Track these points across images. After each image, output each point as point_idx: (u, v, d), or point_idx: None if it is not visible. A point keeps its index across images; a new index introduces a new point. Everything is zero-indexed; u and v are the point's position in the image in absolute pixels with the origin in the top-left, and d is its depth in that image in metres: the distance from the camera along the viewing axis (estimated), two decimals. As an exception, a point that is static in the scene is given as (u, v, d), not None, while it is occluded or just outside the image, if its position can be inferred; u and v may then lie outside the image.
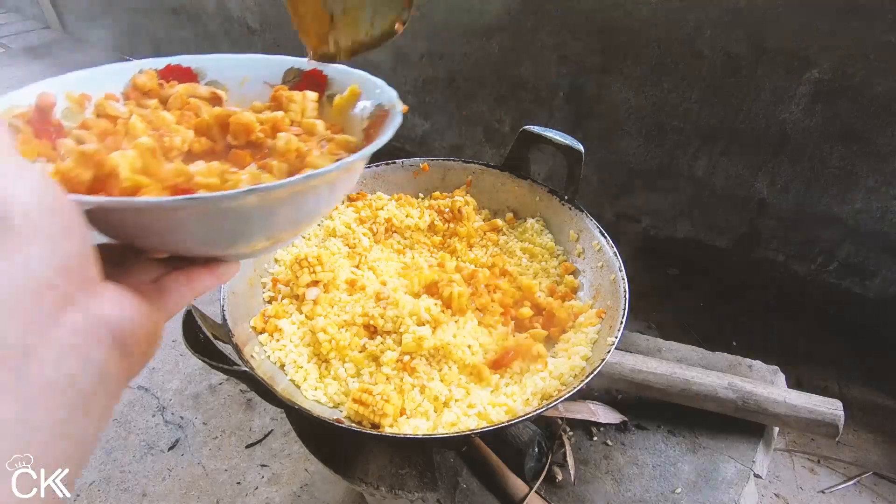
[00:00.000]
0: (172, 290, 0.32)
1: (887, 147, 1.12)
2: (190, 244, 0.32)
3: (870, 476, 1.18)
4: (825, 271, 1.33)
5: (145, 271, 0.33)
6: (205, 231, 0.31)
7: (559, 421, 0.79)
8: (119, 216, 0.29)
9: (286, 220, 0.34)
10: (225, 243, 0.33)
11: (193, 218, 0.30)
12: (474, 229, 0.90)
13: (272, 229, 0.34)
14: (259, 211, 0.31)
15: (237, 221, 0.31)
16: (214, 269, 0.35)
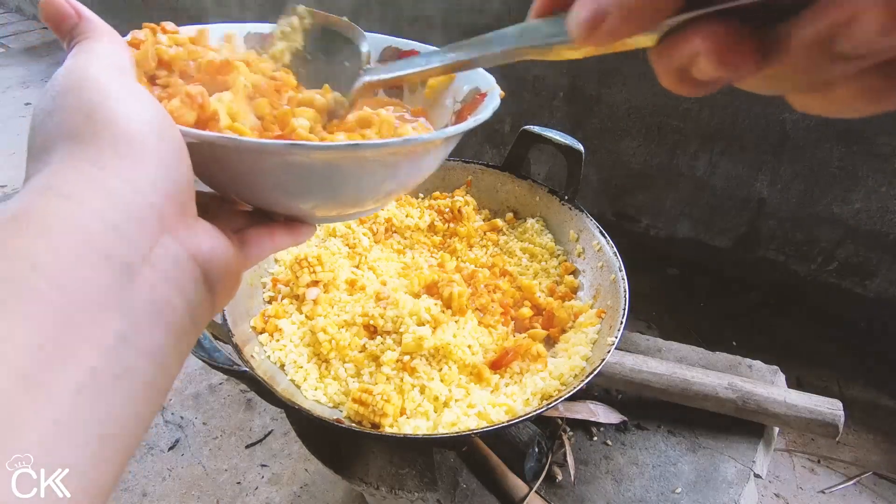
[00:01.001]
0: (254, 242, 0.32)
1: (887, 147, 1.12)
2: (278, 196, 0.32)
3: (870, 476, 1.18)
4: (825, 271, 1.33)
5: (229, 220, 0.33)
6: (298, 184, 0.31)
7: (559, 421, 0.79)
8: (219, 155, 0.29)
9: (376, 186, 0.34)
10: (313, 200, 0.33)
11: (291, 167, 0.29)
12: (474, 229, 0.90)
13: (361, 193, 0.34)
14: (356, 171, 0.31)
15: (333, 179, 0.31)
16: (294, 229, 0.35)
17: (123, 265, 0.21)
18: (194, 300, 0.25)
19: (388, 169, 0.32)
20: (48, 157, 0.22)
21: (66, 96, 0.23)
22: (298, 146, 0.28)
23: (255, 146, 0.27)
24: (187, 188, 0.25)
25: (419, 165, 0.34)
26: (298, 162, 0.29)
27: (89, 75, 0.24)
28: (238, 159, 0.29)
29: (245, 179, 0.31)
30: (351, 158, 0.29)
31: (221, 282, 0.27)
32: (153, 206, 0.22)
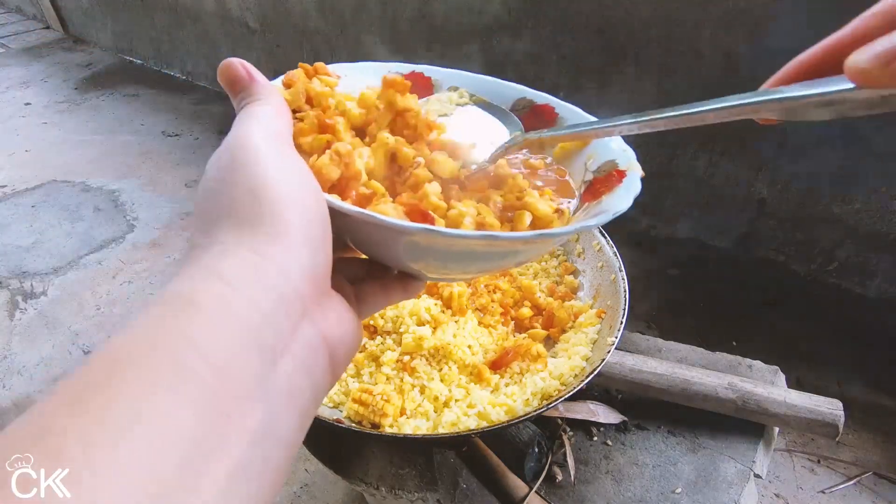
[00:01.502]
0: (370, 299, 0.33)
1: (887, 147, 1.12)
2: (401, 261, 0.33)
3: (870, 476, 1.18)
4: (825, 271, 1.33)
5: (348, 268, 0.34)
6: (420, 255, 0.32)
7: (559, 421, 0.79)
8: (356, 225, 0.30)
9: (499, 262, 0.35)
10: (431, 268, 0.34)
11: (414, 243, 0.30)
12: (474, 229, 0.89)
13: (483, 267, 0.35)
14: (483, 253, 0.32)
15: (450, 255, 0.32)
16: (408, 284, 0.35)
17: (270, 354, 0.21)
18: (320, 383, 0.25)
19: (514, 253, 0.33)
20: (214, 234, 0.23)
21: (233, 172, 0.24)
22: (434, 232, 0.28)
23: (395, 227, 0.28)
24: (327, 267, 0.26)
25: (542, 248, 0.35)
26: (422, 240, 0.29)
27: (252, 146, 0.25)
28: (374, 232, 0.30)
29: (375, 246, 0.32)
30: (482, 245, 0.30)
31: (345, 362, 0.28)
32: (298, 291, 0.23)
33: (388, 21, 1.78)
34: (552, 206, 0.37)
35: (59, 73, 3.13)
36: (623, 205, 0.33)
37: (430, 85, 0.46)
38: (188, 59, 2.86)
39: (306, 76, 0.38)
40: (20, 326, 1.58)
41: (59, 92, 2.92)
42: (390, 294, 0.34)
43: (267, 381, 0.21)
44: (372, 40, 1.88)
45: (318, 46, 2.12)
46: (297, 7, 2.07)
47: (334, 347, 0.26)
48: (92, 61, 3.26)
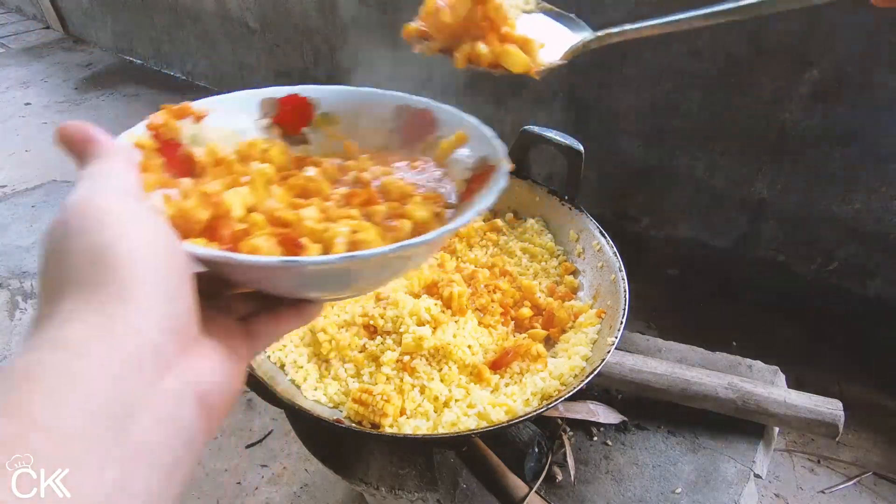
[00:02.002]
0: (261, 334, 0.33)
1: (887, 147, 1.12)
2: (286, 291, 0.34)
3: (870, 476, 1.18)
4: (825, 271, 1.33)
5: (237, 307, 0.34)
6: (301, 283, 0.33)
7: (559, 421, 0.79)
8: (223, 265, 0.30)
9: (378, 276, 0.36)
10: (318, 292, 0.35)
11: (297, 274, 0.31)
12: (474, 229, 0.89)
13: (365, 282, 0.37)
14: (353, 272, 0.33)
15: (331, 278, 0.33)
16: (301, 310, 0.35)
17: (121, 415, 0.21)
18: (191, 433, 0.25)
19: (386, 266, 0.34)
20: (59, 303, 0.23)
21: (75, 239, 0.24)
22: (291, 262, 0.29)
23: (251, 264, 0.29)
24: (190, 315, 0.26)
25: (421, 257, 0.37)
26: (298, 272, 0.30)
27: (95, 208, 0.25)
28: (241, 271, 0.31)
29: (254, 282, 0.33)
30: (345, 268, 0.31)
31: (222, 406, 0.27)
32: (154, 346, 0.23)
33: (388, 22, 1.78)
34: (431, 211, 0.38)
35: (59, 73, 3.13)
36: (486, 202, 0.35)
37: (308, 106, 0.47)
38: (188, 59, 2.86)
39: (173, 117, 0.39)
40: (20, 326, 1.58)
41: (59, 92, 2.92)
42: (282, 323, 0.34)
43: (118, 441, 0.21)
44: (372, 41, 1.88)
45: (318, 46, 2.12)
46: (297, 7, 2.07)
47: (206, 394, 0.26)
48: (92, 61, 3.25)
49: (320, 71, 2.18)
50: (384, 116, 0.47)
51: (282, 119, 0.46)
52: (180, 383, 0.24)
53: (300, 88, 0.46)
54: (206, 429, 0.26)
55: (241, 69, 2.56)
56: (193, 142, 0.40)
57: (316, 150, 0.46)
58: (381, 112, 0.47)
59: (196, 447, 0.25)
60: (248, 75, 2.55)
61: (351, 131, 0.47)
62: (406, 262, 0.36)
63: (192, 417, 0.25)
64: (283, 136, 0.46)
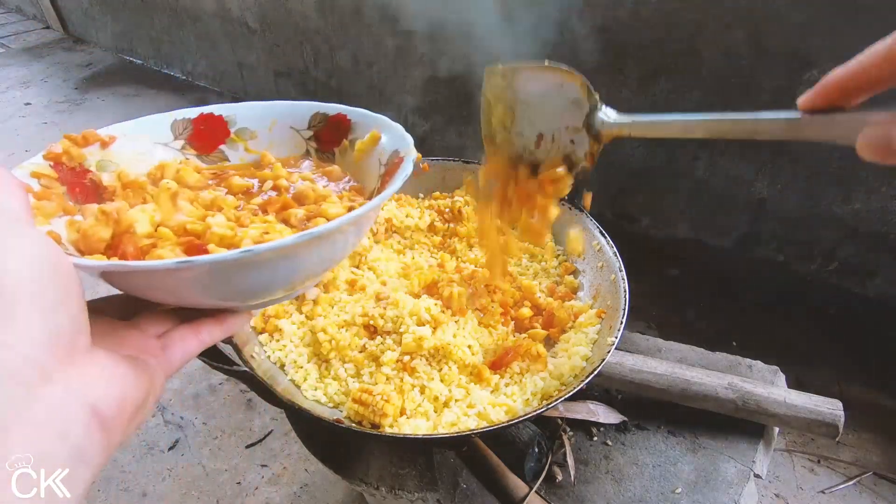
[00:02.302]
0: (177, 346, 0.32)
1: (887, 147, 1.12)
2: (198, 299, 0.33)
3: (870, 476, 1.18)
4: (825, 271, 1.33)
5: (154, 323, 0.33)
6: (210, 287, 0.32)
7: (559, 421, 0.79)
8: (125, 276, 0.30)
9: (292, 273, 0.34)
10: (234, 297, 0.34)
11: (197, 277, 0.30)
12: (474, 229, 0.89)
13: (280, 283, 0.35)
14: (261, 270, 0.32)
15: (241, 280, 0.32)
16: (223, 319, 0.35)
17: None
18: (81, 443, 0.24)
19: (295, 262, 0.33)
20: None
21: None
22: (186, 263, 0.28)
23: (145, 269, 0.28)
24: (74, 327, 0.25)
25: (330, 251, 0.35)
26: (200, 273, 0.29)
27: None
28: (143, 280, 0.30)
29: (158, 290, 0.32)
30: (246, 264, 0.30)
31: (119, 417, 0.27)
32: (28, 360, 0.23)
33: (388, 23, 1.78)
34: (346, 207, 0.39)
35: (59, 73, 3.13)
36: (391, 190, 0.37)
37: (223, 124, 0.48)
38: (188, 59, 2.86)
39: (75, 145, 0.39)
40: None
41: (59, 92, 2.92)
42: (202, 334, 0.34)
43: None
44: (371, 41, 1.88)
45: (318, 46, 2.12)
46: (297, 7, 2.07)
47: (98, 403, 0.25)
48: (92, 61, 3.26)
49: (320, 71, 2.18)
50: (300, 126, 0.49)
51: (196, 138, 0.47)
52: (65, 394, 0.24)
53: (214, 108, 0.48)
54: (104, 441, 0.26)
55: (240, 69, 2.56)
56: (101, 168, 0.40)
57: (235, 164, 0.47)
58: (296, 122, 0.49)
59: (91, 459, 0.25)
60: (247, 75, 2.55)
61: (269, 144, 0.48)
62: (315, 255, 0.35)
63: (81, 427, 0.24)
64: (198, 155, 0.47)
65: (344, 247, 0.37)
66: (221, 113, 0.48)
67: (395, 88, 1.92)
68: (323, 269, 0.39)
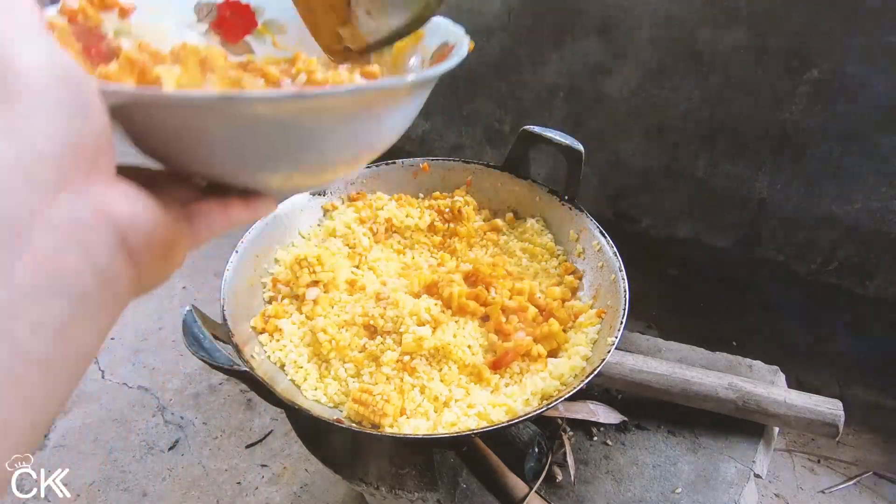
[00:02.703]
0: (203, 215, 0.29)
1: (887, 147, 1.12)
2: (224, 162, 0.29)
3: (870, 476, 1.18)
4: (825, 271, 1.33)
5: (175, 195, 0.29)
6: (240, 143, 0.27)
7: (559, 421, 0.79)
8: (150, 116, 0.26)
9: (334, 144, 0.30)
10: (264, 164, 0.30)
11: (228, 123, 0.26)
12: (474, 229, 0.90)
13: (314, 154, 0.30)
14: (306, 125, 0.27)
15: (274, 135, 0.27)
16: (251, 202, 0.32)
17: (12, 229, 0.19)
18: (105, 266, 0.22)
19: (345, 123, 0.29)
20: None
21: None
22: (233, 97, 0.24)
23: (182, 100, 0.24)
24: (98, 143, 0.22)
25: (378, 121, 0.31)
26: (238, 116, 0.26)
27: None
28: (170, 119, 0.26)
29: (184, 144, 0.28)
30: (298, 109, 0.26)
31: (147, 252, 0.24)
32: (47, 158, 0.20)
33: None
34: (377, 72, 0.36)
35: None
36: (447, 64, 0.32)
37: (250, 13, 0.43)
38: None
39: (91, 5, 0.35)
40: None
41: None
42: (230, 211, 0.30)
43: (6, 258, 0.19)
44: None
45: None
46: (297, 7, 2.07)
47: (126, 231, 0.23)
48: (92, 61, 3.26)
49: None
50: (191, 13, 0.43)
51: (220, 25, 0.42)
52: (88, 206, 0.22)
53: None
54: (133, 274, 0.24)
55: (241, 69, 2.56)
56: (118, 36, 0.37)
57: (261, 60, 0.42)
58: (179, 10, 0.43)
59: (116, 289, 0.23)
60: (248, 75, 2.55)
61: (300, 40, 0.43)
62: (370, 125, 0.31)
63: (107, 247, 0.22)
64: (223, 43, 0.42)
65: (392, 122, 0.33)
66: (248, 1, 0.43)
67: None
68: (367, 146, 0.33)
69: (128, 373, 1.46)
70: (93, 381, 1.43)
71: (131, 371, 1.46)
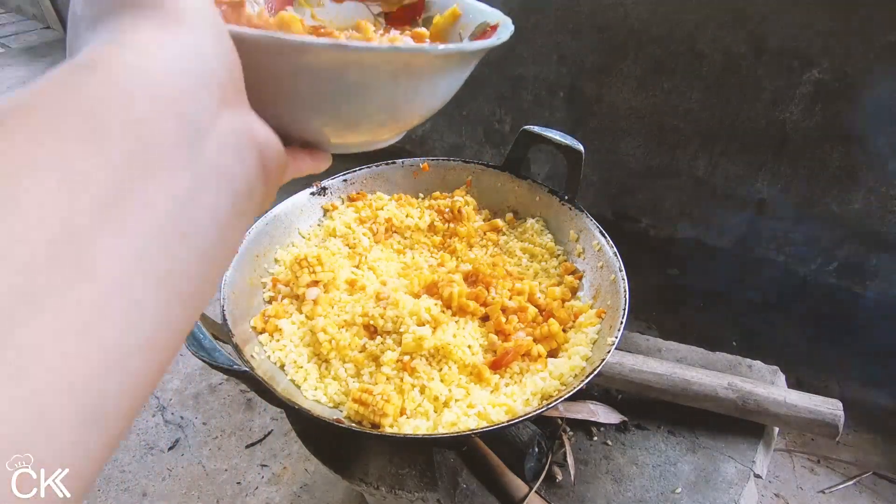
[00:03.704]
0: None
1: (887, 147, 1.12)
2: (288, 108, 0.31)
3: (870, 476, 1.18)
4: (825, 271, 1.33)
5: None
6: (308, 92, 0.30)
7: (559, 421, 0.79)
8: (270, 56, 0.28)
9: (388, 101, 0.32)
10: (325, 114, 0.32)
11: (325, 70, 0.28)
12: (474, 229, 0.90)
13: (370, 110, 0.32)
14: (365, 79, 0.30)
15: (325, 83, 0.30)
16: (315, 153, 0.35)
17: (193, 125, 0.21)
18: (252, 175, 0.25)
19: (385, 81, 0.31)
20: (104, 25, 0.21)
21: None
22: (344, 46, 0.27)
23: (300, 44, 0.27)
24: (239, 72, 0.25)
25: (433, 84, 0.33)
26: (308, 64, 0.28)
27: None
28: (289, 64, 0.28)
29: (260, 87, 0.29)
30: (342, 61, 0.28)
31: (274, 171, 0.27)
32: (215, 74, 0.22)
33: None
34: None
35: (59, 73, 3.13)
36: (502, 37, 0.35)
37: None
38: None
39: None
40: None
41: (59, 92, 2.91)
42: (297, 159, 0.33)
43: (192, 149, 0.20)
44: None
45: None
46: (297, 7, 2.07)
47: (263, 146, 0.25)
48: (92, 61, 3.25)
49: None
50: None
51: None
52: (240, 121, 0.24)
53: None
54: (263, 189, 0.26)
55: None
56: None
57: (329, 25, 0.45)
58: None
59: (256, 198, 0.25)
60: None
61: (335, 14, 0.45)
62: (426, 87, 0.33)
63: (254, 159, 0.25)
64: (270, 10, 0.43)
65: (446, 87, 0.36)
66: None
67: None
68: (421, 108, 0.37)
69: (128, 373, 1.45)
70: (93, 381, 1.43)
71: (131, 371, 1.46)
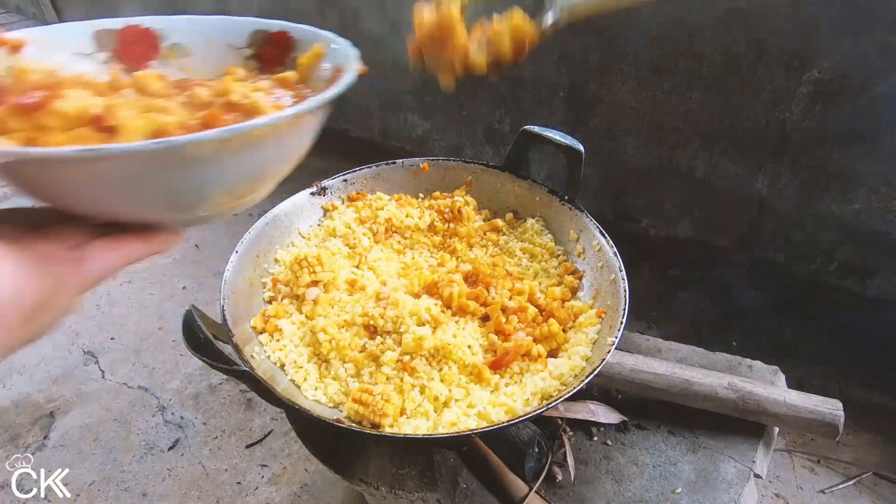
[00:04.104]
0: (94, 257, 0.30)
1: (887, 147, 1.12)
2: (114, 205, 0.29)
3: (870, 476, 1.18)
4: (825, 271, 1.33)
5: (66, 237, 0.30)
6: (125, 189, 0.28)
7: (559, 421, 0.79)
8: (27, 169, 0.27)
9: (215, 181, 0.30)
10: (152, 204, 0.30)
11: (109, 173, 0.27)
12: (474, 229, 0.89)
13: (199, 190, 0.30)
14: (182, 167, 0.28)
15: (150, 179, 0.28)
16: (147, 236, 0.32)
17: None
18: None
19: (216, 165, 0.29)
20: None
21: None
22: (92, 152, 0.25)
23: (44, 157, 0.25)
24: None
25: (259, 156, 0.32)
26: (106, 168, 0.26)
27: None
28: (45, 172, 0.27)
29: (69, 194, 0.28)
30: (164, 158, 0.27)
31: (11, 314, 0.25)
32: None
33: (389, 24, 1.78)
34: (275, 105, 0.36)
35: (59, 73, 3.13)
36: (320, 98, 0.33)
37: (153, 38, 0.44)
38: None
39: None
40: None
41: (59, 92, 2.91)
42: (124, 248, 0.31)
43: None
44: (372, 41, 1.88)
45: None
46: (297, 6, 2.07)
47: None
48: (92, 61, 3.25)
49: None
50: (239, 43, 0.45)
51: (124, 53, 0.42)
52: None
53: (142, 19, 0.43)
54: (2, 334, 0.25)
55: (241, 69, 2.56)
56: (10, 74, 0.36)
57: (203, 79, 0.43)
58: (235, 39, 0.45)
59: None
60: (248, 75, 2.55)
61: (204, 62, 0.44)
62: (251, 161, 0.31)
63: None
64: (125, 71, 0.42)
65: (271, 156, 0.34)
66: (151, 26, 0.43)
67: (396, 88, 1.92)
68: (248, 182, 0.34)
69: (128, 373, 1.46)
70: (93, 381, 1.43)
71: (131, 371, 1.46)
